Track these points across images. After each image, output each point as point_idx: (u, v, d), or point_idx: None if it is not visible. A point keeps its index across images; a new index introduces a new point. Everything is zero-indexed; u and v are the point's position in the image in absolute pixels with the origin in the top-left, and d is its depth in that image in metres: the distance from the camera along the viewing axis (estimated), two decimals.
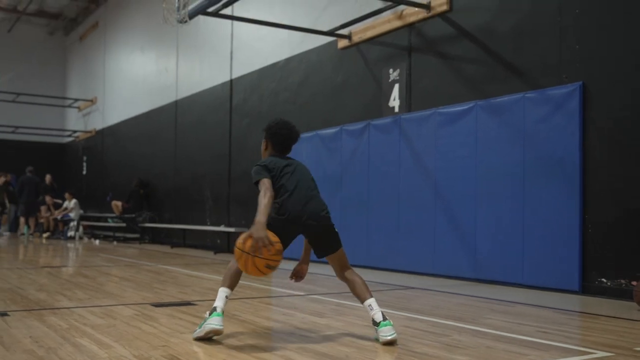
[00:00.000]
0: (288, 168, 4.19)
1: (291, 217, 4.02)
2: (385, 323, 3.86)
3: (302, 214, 4.03)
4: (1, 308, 5.26)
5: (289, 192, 4.07)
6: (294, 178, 4.14)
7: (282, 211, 4.05)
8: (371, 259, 9.18)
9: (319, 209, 4.11)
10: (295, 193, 4.08)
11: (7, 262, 9.97)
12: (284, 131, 4.31)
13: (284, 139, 4.32)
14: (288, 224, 4.04)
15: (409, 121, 8.76)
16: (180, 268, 9.19)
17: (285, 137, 4.31)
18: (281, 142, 4.33)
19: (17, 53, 24.45)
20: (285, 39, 11.76)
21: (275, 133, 4.32)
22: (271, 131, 4.34)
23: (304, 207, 4.05)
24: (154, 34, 17.47)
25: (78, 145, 23.54)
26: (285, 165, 4.19)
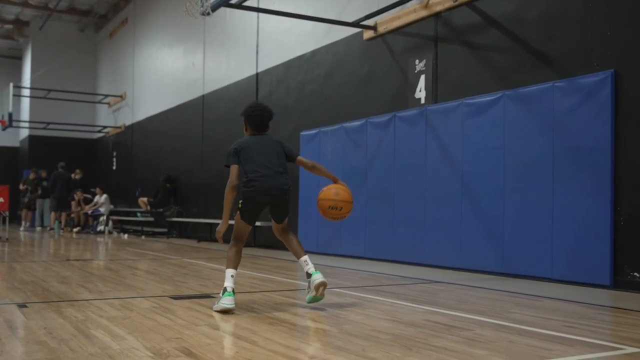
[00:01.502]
0: (256, 147, 4.86)
1: (259, 190, 4.78)
2: (316, 272, 4.84)
3: (269, 188, 4.79)
4: (21, 300, 5.26)
5: (257, 171, 4.78)
6: (258, 157, 4.82)
7: (253, 185, 4.77)
8: (397, 253, 9.03)
9: (283, 182, 4.85)
10: (260, 171, 4.78)
11: (35, 256, 10.06)
12: (257, 112, 4.99)
13: (257, 120, 4.97)
14: (258, 195, 4.79)
15: (435, 112, 8.58)
16: (204, 262, 9.15)
17: (258, 117, 4.97)
18: (255, 122, 4.98)
19: (49, 50, 24.78)
20: (310, 31, 11.65)
21: (250, 115, 4.99)
22: (246, 114, 5.02)
23: (270, 181, 4.79)
24: (181, 29, 17.51)
25: (108, 141, 23.75)
26: (255, 143, 4.89)
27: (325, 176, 5.21)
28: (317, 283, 4.79)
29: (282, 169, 4.89)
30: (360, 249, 9.76)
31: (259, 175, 4.77)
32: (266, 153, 4.86)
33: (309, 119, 11.57)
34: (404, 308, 4.94)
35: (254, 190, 4.77)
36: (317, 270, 4.89)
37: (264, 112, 4.99)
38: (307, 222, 11.11)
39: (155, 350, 3.39)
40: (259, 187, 4.76)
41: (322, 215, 5.09)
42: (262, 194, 4.78)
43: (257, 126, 4.98)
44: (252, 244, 12.66)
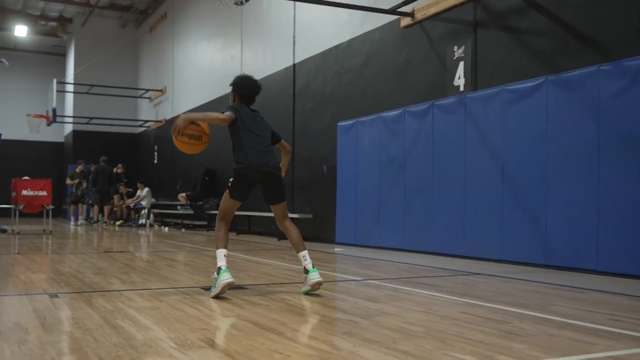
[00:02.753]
0: (251, 119, 4.97)
1: (251, 166, 4.84)
2: (313, 270, 4.89)
3: (261, 164, 4.86)
4: (54, 290, 5.25)
5: (252, 147, 4.87)
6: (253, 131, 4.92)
7: (241, 163, 4.86)
8: (435, 245, 8.82)
9: (274, 162, 4.96)
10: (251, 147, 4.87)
11: (74, 248, 10.15)
12: (249, 84, 5.10)
13: (248, 92, 5.09)
14: (250, 171, 4.85)
15: (474, 100, 8.33)
16: (240, 254, 9.09)
17: (250, 89, 5.09)
18: (245, 95, 5.09)
19: (92, 46, 25.10)
20: (347, 20, 11.48)
21: (240, 87, 5.09)
22: (237, 86, 5.11)
23: (261, 158, 4.87)
24: (219, 22, 17.52)
25: (149, 135, 23.97)
26: (250, 115, 4.98)
27: (284, 162, 5.41)
28: (313, 282, 4.88)
29: (271, 148, 5.04)
30: (399, 241, 9.58)
31: (253, 151, 4.86)
32: (260, 129, 4.98)
33: (346, 109, 11.41)
34: (440, 300, 4.76)
35: (246, 166, 4.86)
36: (315, 268, 4.95)
37: (254, 85, 5.13)
38: (345, 214, 10.96)
39: (179, 341, 3.30)
40: (251, 163, 4.85)
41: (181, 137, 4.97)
42: (254, 169, 4.86)
43: (246, 98, 5.09)
44: None
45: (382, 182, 10.05)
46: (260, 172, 4.89)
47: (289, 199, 13.16)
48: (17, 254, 8.76)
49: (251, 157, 4.85)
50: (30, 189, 13.98)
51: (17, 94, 27.92)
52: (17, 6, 24.53)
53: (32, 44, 28.38)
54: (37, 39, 28.08)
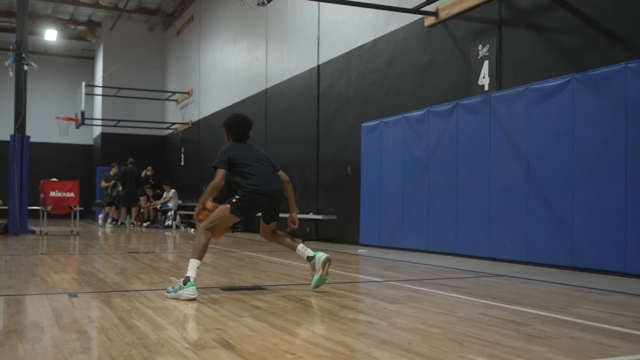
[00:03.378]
0: (250, 153, 5.14)
1: (262, 193, 4.99)
2: (317, 252, 5.09)
3: (271, 192, 5.04)
4: (74, 289, 5.28)
5: (259, 174, 5.03)
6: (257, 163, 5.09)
7: (253, 188, 4.97)
8: (460, 246, 8.71)
9: (280, 188, 5.15)
10: (261, 175, 5.04)
11: (99, 249, 10.23)
12: (239, 123, 5.27)
13: (239, 130, 5.25)
14: (261, 196, 5.00)
15: (499, 99, 8.21)
16: (263, 255, 9.08)
17: (239, 128, 5.25)
18: (237, 133, 5.26)
19: (120, 49, 25.37)
20: (370, 20, 11.41)
21: (231, 127, 5.27)
22: (227, 125, 5.30)
23: (271, 186, 5.05)
24: (245, 24, 17.57)
25: (176, 137, 24.14)
26: (247, 149, 5.16)
27: (289, 198, 5.39)
28: (323, 259, 5.03)
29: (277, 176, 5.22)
30: (423, 242, 9.48)
31: (261, 178, 5.02)
32: (260, 159, 5.15)
33: (370, 110, 11.34)
34: (460, 302, 4.68)
35: (257, 192, 4.98)
36: (318, 251, 5.15)
37: (244, 122, 5.29)
38: (368, 215, 10.89)
39: (192, 341, 3.28)
40: (262, 189, 4.99)
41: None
42: (265, 195, 5.02)
43: (239, 135, 5.26)
44: (314, 238, 12.55)
45: (406, 183, 9.97)
46: (270, 197, 5.06)
47: (314, 201, 13.14)
48: (42, 254, 8.85)
49: (262, 184, 5.00)
50: (58, 190, 14.15)
51: (47, 97, 28.31)
52: (47, 11, 24.90)
53: (61, 48, 28.78)
54: (67, 43, 28.46)
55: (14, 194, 14.14)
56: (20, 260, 7.93)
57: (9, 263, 7.47)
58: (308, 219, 12.81)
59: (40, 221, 14.42)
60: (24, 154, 14.41)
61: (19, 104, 14.58)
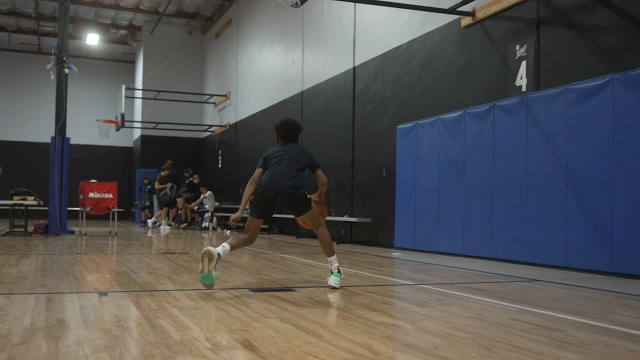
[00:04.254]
0: (279, 153, 5.57)
1: (264, 187, 5.41)
2: (338, 274, 5.45)
3: (273, 185, 5.38)
4: (104, 288, 5.30)
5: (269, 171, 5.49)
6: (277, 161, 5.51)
7: (260, 185, 5.46)
8: (496, 251, 8.54)
9: (289, 182, 5.42)
10: (271, 171, 5.47)
11: (134, 249, 10.32)
12: (283, 127, 5.76)
13: (284, 133, 5.75)
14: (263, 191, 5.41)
15: (537, 100, 8.03)
16: (296, 256, 9.04)
17: (285, 131, 5.74)
18: (283, 136, 5.76)
19: (159, 53, 25.70)
20: (406, 21, 11.31)
21: (278, 129, 5.79)
22: (276, 129, 5.82)
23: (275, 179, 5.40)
24: (282, 27, 17.61)
25: (214, 140, 24.32)
26: (278, 152, 5.59)
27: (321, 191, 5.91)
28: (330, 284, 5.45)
29: (294, 172, 5.48)
30: (458, 246, 9.33)
31: (267, 176, 5.45)
32: (285, 158, 5.53)
33: (405, 111, 11.23)
34: (492, 306, 4.55)
35: (261, 187, 5.44)
36: (341, 274, 5.53)
37: (290, 127, 5.76)
38: (403, 218, 10.77)
39: (214, 342, 3.25)
40: (263, 185, 5.42)
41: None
42: (267, 189, 5.39)
43: (284, 138, 5.75)
44: (348, 240, 12.47)
45: (441, 185, 9.83)
46: (274, 190, 5.38)
47: (349, 203, 13.07)
48: (78, 254, 8.96)
49: (265, 181, 5.43)
50: (97, 191, 14.35)
51: (88, 100, 28.83)
52: (89, 15, 25.36)
53: (103, 52, 29.29)
54: (108, 47, 28.96)
55: (54, 194, 14.39)
56: (57, 259, 8.04)
57: (45, 262, 7.58)
58: (343, 221, 12.74)
59: (80, 222, 14.65)
60: (64, 155, 14.67)
61: (60, 107, 14.85)
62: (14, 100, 28.55)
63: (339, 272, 5.49)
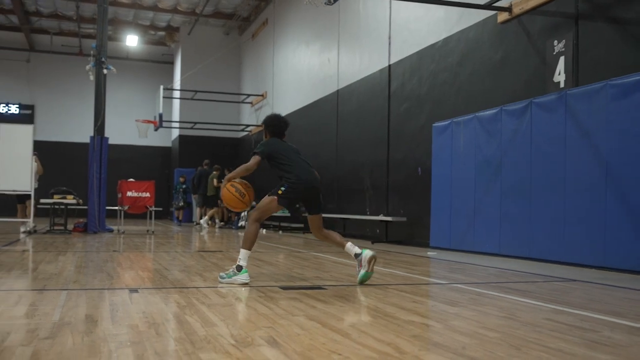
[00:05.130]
0: (289, 148, 5.75)
1: (305, 182, 5.53)
2: (364, 249, 5.50)
3: (312, 180, 5.59)
4: (136, 285, 5.34)
5: (297, 167, 5.57)
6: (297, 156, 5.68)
7: (297, 179, 5.50)
8: (534, 250, 8.37)
9: (318, 180, 5.67)
10: (301, 167, 5.60)
11: (169, 247, 10.40)
12: (275, 122, 5.88)
13: (274, 128, 5.86)
14: (304, 187, 5.52)
15: (576, 97, 7.84)
16: (330, 255, 8.99)
17: (276, 126, 5.86)
18: (274, 131, 5.87)
19: (197, 54, 25.95)
20: (442, 18, 11.17)
21: (269, 125, 5.89)
22: (266, 124, 5.91)
23: (311, 175, 5.62)
24: (318, 26, 17.59)
25: (251, 139, 24.42)
26: (285, 145, 5.76)
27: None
28: (369, 256, 5.43)
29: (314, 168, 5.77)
30: (495, 245, 9.16)
31: (302, 170, 5.57)
32: (298, 154, 5.73)
33: (441, 109, 11.09)
34: (525, 306, 4.44)
35: (300, 181, 5.51)
36: (365, 248, 5.54)
37: (281, 123, 5.90)
38: (439, 217, 10.64)
39: (239, 338, 3.22)
40: (306, 180, 5.53)
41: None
42: (307, 184, 5.55)
43: (277, 133, 5.86)
44: (383, 240, 12.38)
45: (477, 184, 9.67)
46: (310, 188, 5.58)
47: (384, 202, 12.98)
48: (114, 251, 9.07)
49: (303, 176, 5.54)
50: (135, 190, 14.52)
51: (128, 100, 29.25)
52: (128, 17, 25.74)
53: (142, 53, 29.68)
54: (147, 48, 29.34)
55: (93, 193, 14.62)
56: (92, 256, 8.15)
57: (81, 259, 7.68)
58: (378, 220, 12.66)
59: (118, 220, 14.85)
60: (102, 154, 14.88)
61: (99, 107, 15.08)
62: (56, 101, 29.13)
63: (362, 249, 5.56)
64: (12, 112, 28.75)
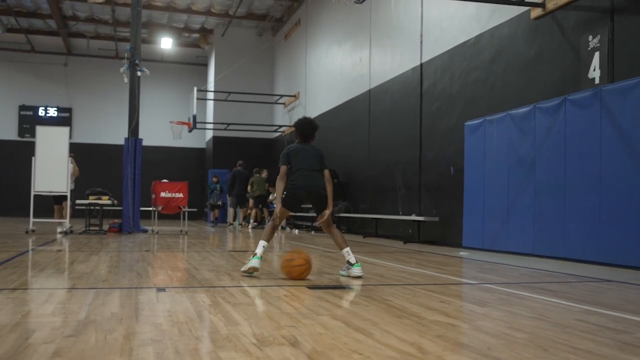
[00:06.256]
0: (301, 153, 6.17)
1: (301, 188, 6.05)
2: (357, 264, 5.99)
3: (309, 186, 6.05)
4: (164, 284, 5.36)
5: (300, 170, 6.08)
6: (302, 161, 6.11)
7: (293, 185, 6.06)
8: (568, 250, 8.19)
9: (320, 183, 6.09)
10: (302, 173, 6.07)
11: (201, 247, 10.45)
12: (301, 126, 6.34)
13: (302, 132, 6.34)
14: (298, 191, 6.06)
15: (611, 93, 7.65)
16: (360, 255, 8.92)
17: (303, 130, 6.33)
18: (301, 134, 6.34)
19: (230, 55, 26.12)
20: (474, 15, 11.03)
21: (297, 128, 6.37)
22: (295, 126, 6.39)
23: (309, 181, 6.06)
24: (349, 25, 17.54)
25: (284, 140, 24.47)
26: (299, 150, 6.19)
27: (328, 196, 6.13)
28: (354, 276, 5.92)
29: (320, 173, 6.13)
30: (528, 245, 9.01)
31: (300, 174, 6.05)
32: (309, 157, 6.15)
33: (473, 108, 10.95)
34: (557, 306, 4.33)
35: (294, 186, 6.05)
36: (359, 263, 6.03)
37: (307, 127, 6.32)
38: (472, 217, 10.50)
39: (261, 337, 3.19)
40: (298, 184, 6.03)
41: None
42: (300, 189, 6.05)
43: (302, 136, 6.32)
44: (416, 240, 12.27)
45: (510, 183, 9.52)
46: (306, 191, 6.06)
47: (416, 202, 12.87)
48: (146, 251, 9.15)
49: (299, 182, 6.04)
50: (168, 191, 14.66)
51: (163, 103, 29.59)
52: (163, 20, 26.03)
53: (177, 56, 29.98)
54: (182, 50, 29.63)
55: (127, 194, 14.79)
56: (124, 256, 8.23)
57: (113, 259, 7.76)
58: (410, 220, 12.55)
59: (152, 221, 15.00)
60: (137, 156, 15.05)
61: (133, 108, 15.26)
62: (93, 104, 29.61)
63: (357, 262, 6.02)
64: (50, 115, 29.33)
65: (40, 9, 24.71)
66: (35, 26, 27.05)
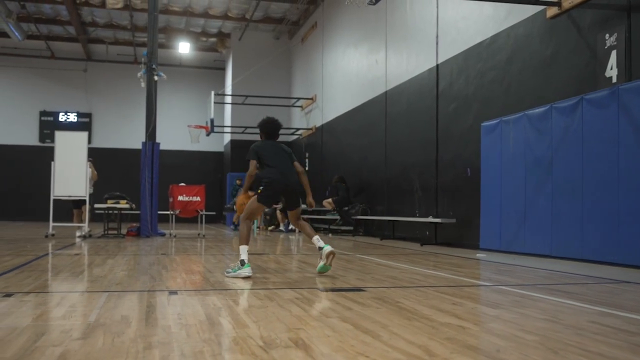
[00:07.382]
0: (272, 148, 6.41)
1: (277, 182, 6.26)
2: (326, 245, 6.20)
3: (284, 180, 6.27)
4: (176, 287, 5.37)
5: (277, 166, 6.29)
6: (275, 157, 6.34)
7: (270, 180, 6.25)
8: (586, 251, 8.09)
9: (296, 179, 6.37)
10: (277, 169, 6.28)
11: (217, 250, 10.47)
12: (266, 125, 6.64)
13: (267, 130, 6.62)
14: (277, 187, 6.28)
15: (629, 92, 7.54)
16: (375, 257, 8.90)
17: (268, 129, 6.61)
18: (266, 133, 6.62)
19: (248, 59, 26.20)
20: (490, 15, 10.95)
21: (262, 127, 6.65)
22: (260, 126, 6.68)
23: (284, 176, 6.29)
24: (365, 28, 17.51)
25: (301, 143, 24.48)
26: (269, 146, 6.46)
27: (304, 185, 6.48)
28: (327, 252, 6.13)
29: (293, 169, 6.40)
30: (546, 247, 8.90)
31: (278, 170, 6.25)
32: (281, 154, 6.39)
33: (489, 108, 10.86)
34: (570, 308, 4.27)
35: (273, 181, 6.23)
36: (327, 244, 6.24)
37: (272, 125, 6.62)
38: (489, 218, 10.41)
39: (268, 340, 3.18)
40: (277, 180, 6.23)
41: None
42: (280, 184, 6.27)
43: (268, 135, 6.58)
44: (433, 242, 12.20)
45: (528, 184, 9.42)
46: (285, 186, 6.30)
47: (433, 204, 12.79)
48: (162, 254, 9.18)
49: (276, 176, 6.24)
50: (186, 194, 14.72)
51: (181, 107, 29.75)
52: (180, 25, 26.18)
53: (195, 60, 30.13)
54: (199, 54, 29.77)
55: (145, 198, 14.87)
56: (140, 259, 8.26)
57: (129, 262, 7.79)
58: (427, 222, 12.48)
59: (170, 224, 15.06)
60: (154, 160, 15.13)
61: (150, 113, 15.35)
62: (112, 109, 29.85)
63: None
64: (70, 120, 29.61)
65: (59, 15, 24.98)
66: (55, 32, 27.34)
